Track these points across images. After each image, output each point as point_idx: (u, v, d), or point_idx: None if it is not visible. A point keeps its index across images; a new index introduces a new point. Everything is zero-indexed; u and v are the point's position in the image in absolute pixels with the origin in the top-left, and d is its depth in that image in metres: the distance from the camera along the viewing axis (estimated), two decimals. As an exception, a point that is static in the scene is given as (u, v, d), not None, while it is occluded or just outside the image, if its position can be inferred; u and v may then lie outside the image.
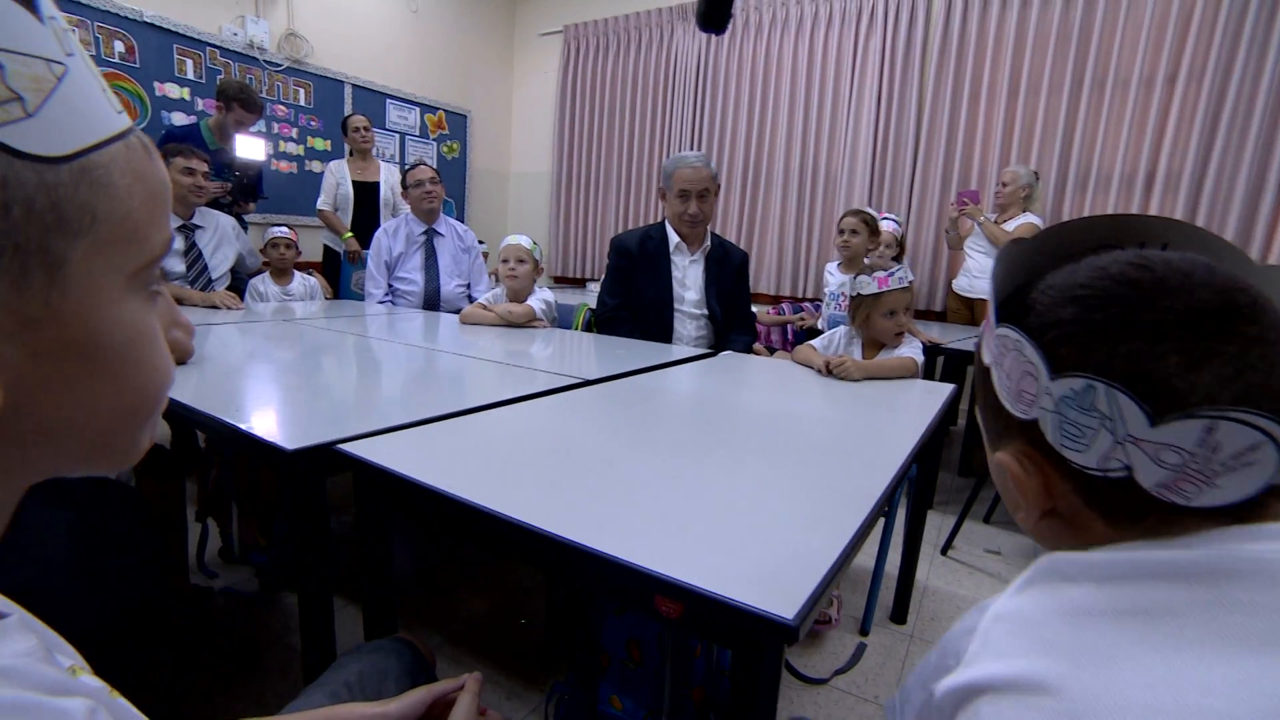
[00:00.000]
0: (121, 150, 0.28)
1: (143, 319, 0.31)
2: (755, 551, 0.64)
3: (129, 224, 0.28)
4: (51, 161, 0.25)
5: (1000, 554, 2.22)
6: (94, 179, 0.26)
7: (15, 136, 0.23)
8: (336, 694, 0.66)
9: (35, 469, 0.30)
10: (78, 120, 0.26)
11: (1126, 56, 3.28)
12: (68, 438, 0.29)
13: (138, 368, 0.30)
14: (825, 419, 1.31)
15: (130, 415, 0.31)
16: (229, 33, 3.70)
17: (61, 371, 0.27)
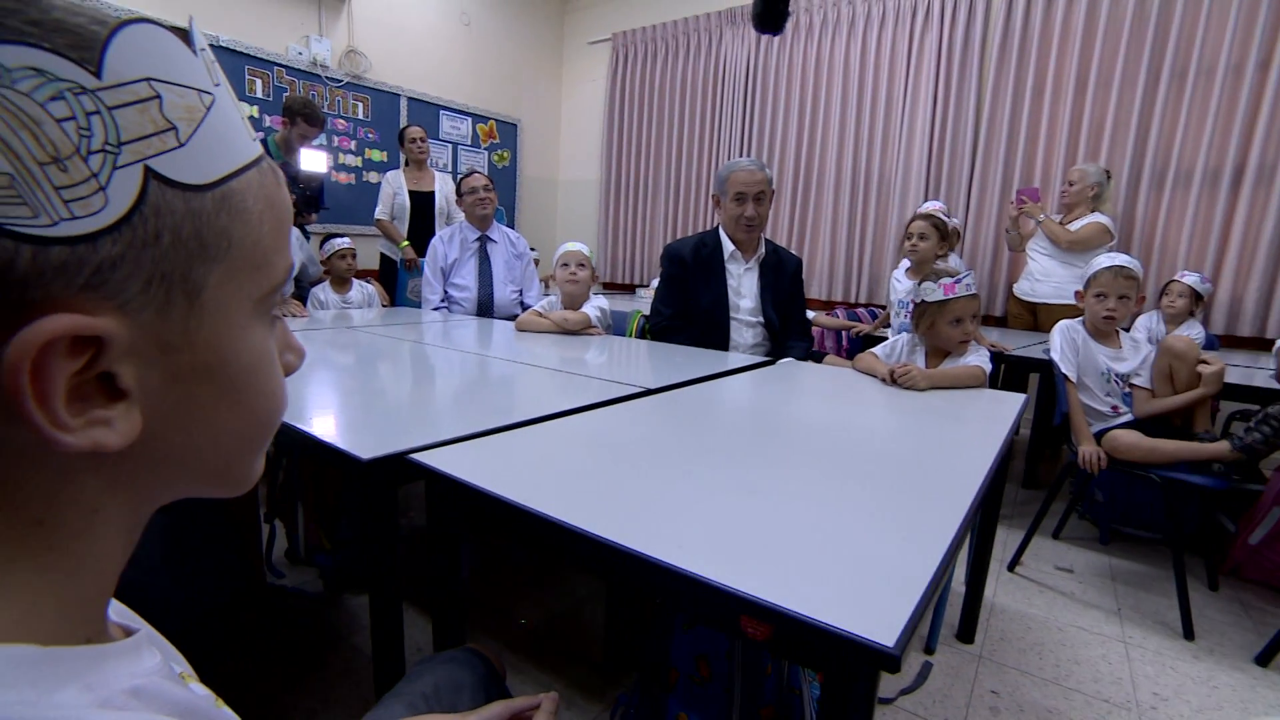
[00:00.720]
0: (255, 177, 0.28)
1: (265, 344, 0.31)
2: (841, 571, 0.61)
3: (259, 251, 0.29)
4: (198, 189, 0.25)
5: (1073, 572, 2.11)
6: (232, 206, 0.27)
7: (168, 165, 0.24)
8: (414, 705, 0.66)
9: (165, 492, 0.30)
10: (221, 148, 0.26)
11: (1211, 43, 3.08)
12: (194, 462, 0.29)
13: (259, 394, 0.31)
14: (893, 430, 1.26)
15: (249, 442, 0.32)
16: (294, 52, 3.87)
17: (193, 397, 0.27)
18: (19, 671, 0.22)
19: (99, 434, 0.24)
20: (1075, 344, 2.11)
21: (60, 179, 0.21)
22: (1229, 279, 3.12)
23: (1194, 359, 1.95)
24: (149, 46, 0.24)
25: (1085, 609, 1.88)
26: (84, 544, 0.26)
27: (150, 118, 0.24)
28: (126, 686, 0.25)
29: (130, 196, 0.23)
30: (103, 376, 0.24)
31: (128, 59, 0.23)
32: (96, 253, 0.22)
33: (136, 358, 0.25)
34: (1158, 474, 1.85)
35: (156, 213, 0.24)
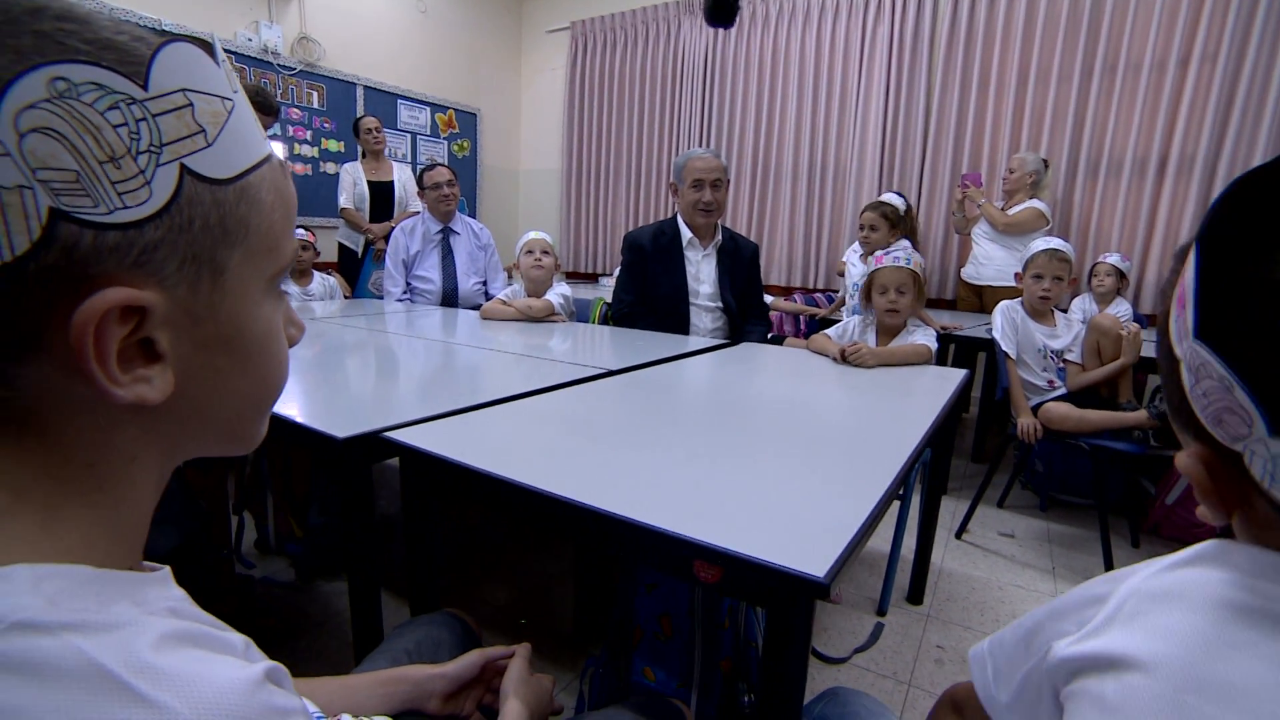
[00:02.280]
0: (268, 171, 0.33)
1: (274, 318, 0.36)
2: (783, 522, 0.68)
3: (271, 235, 0.34)
4: (222, 183, 0.30)
5: (1014, 537, 2.25)
6: (250, 196, 0.32)
7: (199, 163, 0.29)
8: (397, 659, 0.71)
9: (189, 447, 0.35)
10: (241, 147, 0.31)
11: (1138, 40, 3.27)
12: (213, 419, 0.34)
13: (269, 360, 0.36)
14: (843, 404, 1.35)
15: (259, 403, 0.37)
16: (243, 38, 3.77)
17: (215, 362, 0.32)
18: (82, 585, 0.27)
19: (142, 389, 0.28)
20: (1015, 323, 2.24)
21: (115, 175, 0.26)
22: (1156, 262, 3.33)
23: (1117, 333, 2.11)
24: (183, 61, 0.29)
25: (1023, 569, 2.02)
26: (125, 486, 0.31)
27: (185, 122, 0.28)
28: (166, 606, 0.30)
29: (169, 189, 0.27)
30: (143, 342, 0.29)
31: (167, 73, 0.28)
32: (143, 236, 0.27)
33: (172, 326, 0.29)
34: (1086, 442, 2.00)
35: (190, 203, 0.28)
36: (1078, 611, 0.38)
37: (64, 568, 0.27)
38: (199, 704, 0.25)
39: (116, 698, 0.24)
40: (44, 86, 0.24)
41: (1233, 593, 0.33)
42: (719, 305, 2.34)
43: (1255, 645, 0.31)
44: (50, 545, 0.28)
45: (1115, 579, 0.38)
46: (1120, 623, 0.35)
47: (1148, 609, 0.35)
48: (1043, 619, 0.41)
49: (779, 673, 0.62)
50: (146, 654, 0.25)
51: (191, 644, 0.28)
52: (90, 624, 0.25)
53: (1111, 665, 0.34)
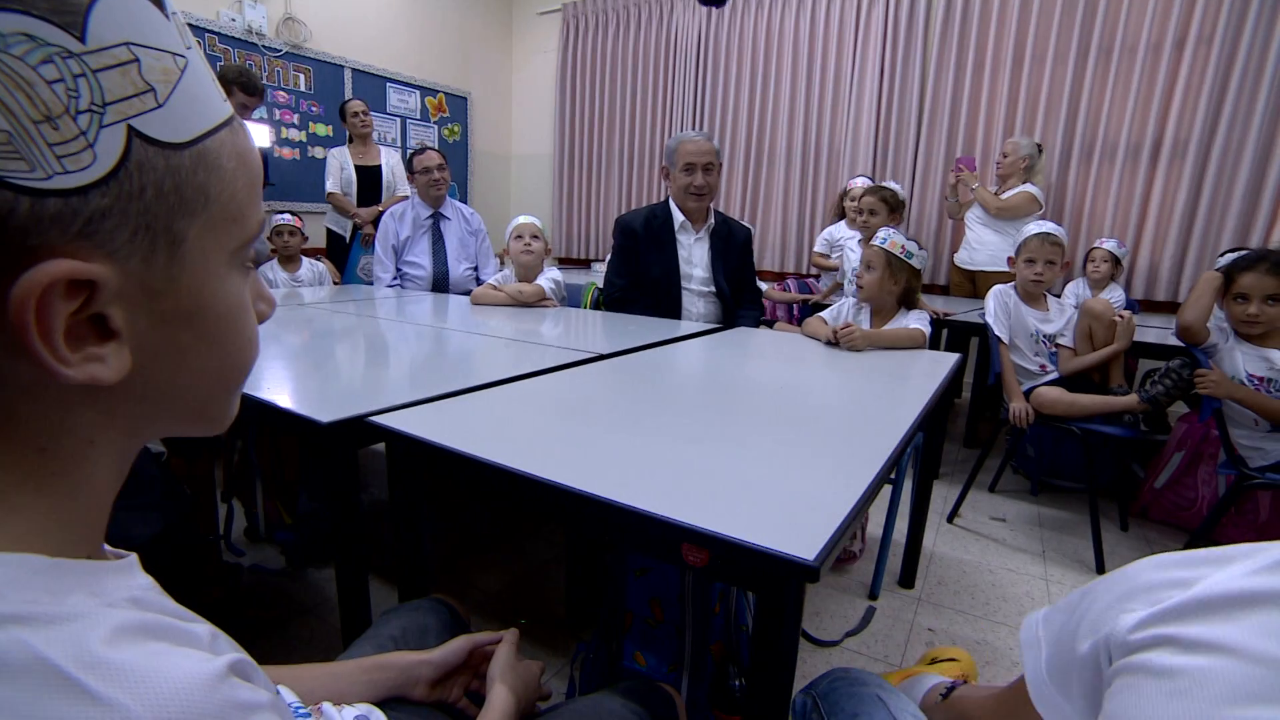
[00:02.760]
0: (228, 136, 0.31)
1: (240, 292, 0.34)
2: (774, 504, 0.68)
3: (234, 205, 0.31)
4: (176, 147, 0.28)
5: (1005, 521, 2.26)
6: (208, 163, 0.29)
7: (148, 124, 0.26)
8: (382, 646, 0.70)
9: (151, 428, 0.33)
10: (196, 108, 0.29)
11: (1134, 22, 3.24)
12: (177, 399, 0.32)
13: (235, 337, 0.34)
14: (835, 387, 1.35)
15: (226, 380, 0.35)
16: (226, 18, 3.69)
17: (176, 339, 0.30)
18: (33, 576, 0.25)
19: (94, 369, 0.26)
20: (1007, 307, 2.24)
21: (53, 136, 0.24)
22: (1148, 247, 3.34)
23: (1109, 318, 2.11)
24: (127, 11, 0.26)
25: (1014, 553, 2.03)
26: (82, 472, 0.29)
27: (131, 80, 0.26)
28: (126, 596, 0.28)
29: (116, 153, 0.25)
30: (95, 318, 0.26)
31: (108, 24, 0.25)
32: (87, 204, 0.25)
33: (125, 301, 0.27)
34: (1077, 426, 2.01)
35: (140, 168, 0.26)
36: (1149, 591, 0.37)
37: (14, 557, 0.25)
38: (154, 701, 0.24)
39: (64, 696, 0.22)
40: None
41: None
42: (712, 290, 2.32)
43: None
44: (2, 534, 0.26)
45: (1200, 561, 0.36)
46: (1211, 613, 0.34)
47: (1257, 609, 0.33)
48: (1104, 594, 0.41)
49: (768, 657, 0.61)
50: (99, 648, 0.24)
51: (150, 636, 0.26)
52: (39, 616, 0.24)
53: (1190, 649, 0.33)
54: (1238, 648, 0.32)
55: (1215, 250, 3.13)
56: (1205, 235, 3.19)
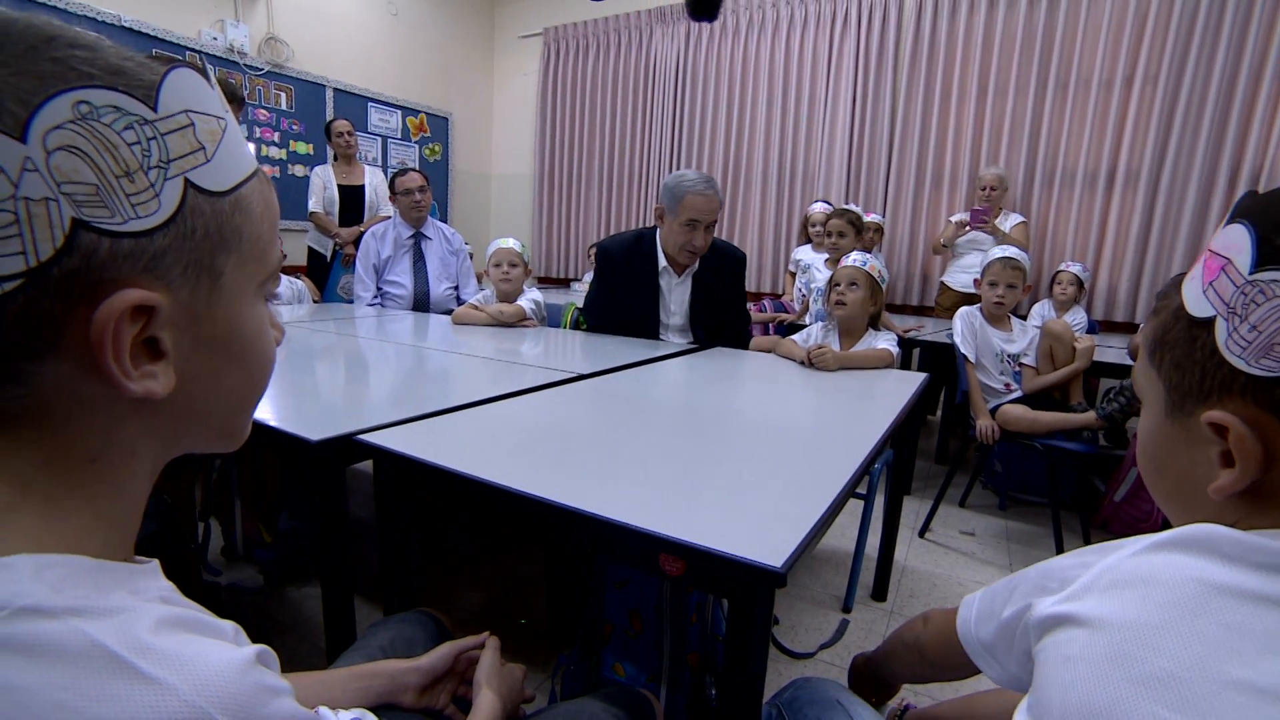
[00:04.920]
0: (257, 184, 0.36)
1: (263, 319, 0.39)
2: (746, 516, 0.72)
3: (261, 243, 0.37)
4: (219, 194, 0.33)
5: (974, 535, 2.33)
6: (243, 207, 0.35)
7: (200, 176, 0.32)
8: (371, 656, 0.72)
9: (183, 443, 0.37)
10: (234, 162, 0.34)
11: (1087, 58, 3.43)
12: (208, 415, 0.37)
13: (258, 359, 0.39)
14: (807, 406, 1.40)
15: (249, 399, 0.40)
16: (208, 37, 3.71)
17: (212, 360, 0.35)
18: (81, 574, 0.28)
19: (150, 384, 0.31)
20: (974, 328, 2.33)
21: (129, 188, 0.29)
22: (1106, 270, 3.49)
23: (1070, 339, 2.21)
24: (187, 85, 0.31)
25: (983, 566, 2.10)
26: (122, 480, 0.33)
27: (188, 140, 0.31)
28: (158, 595, 0.32)
29: (175, 201, 0.30)
30: (148, 341, 0.31)
31: (174, 96, 0.31)
32: (152, 244, 0.30)
33: (174, 326, 0.32)
34: (1040, 442, 2.09)
35: (193, 213, 0.31)
36: (1063, 573, 0.43)
37: (64, 558, 0.28)
38: (196, 681, 0.27)
39: (120, 675, 0.26)
40: (69, 109, 0.27)
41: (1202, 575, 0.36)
42: (688, 339, 2.25)
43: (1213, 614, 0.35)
44: (51, 537, 0.29)
45: (1104, 550, 0.42)
46: (1096, 592, 0.39)
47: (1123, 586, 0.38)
48: (1033, 575, 0.47)
49: (740, 660, 0.65)
50: (146, 636, 0.27)
51: (185, 629, 0.30)
52: (92, 609, 0.27)
53: (1078, 624, 0.39)
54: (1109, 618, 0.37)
55: (1168, 272, 3.30)
56: (1158, 258, 3.35)
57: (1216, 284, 0.40)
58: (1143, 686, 0.34)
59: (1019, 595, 0.47)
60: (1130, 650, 0.35)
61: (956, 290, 3.52)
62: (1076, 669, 0.37)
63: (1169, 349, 0.43)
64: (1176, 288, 0.44)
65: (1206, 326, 0.40)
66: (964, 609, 0.57)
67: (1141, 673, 0.34)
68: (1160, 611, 0.36)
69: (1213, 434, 0.40)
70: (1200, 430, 0.41)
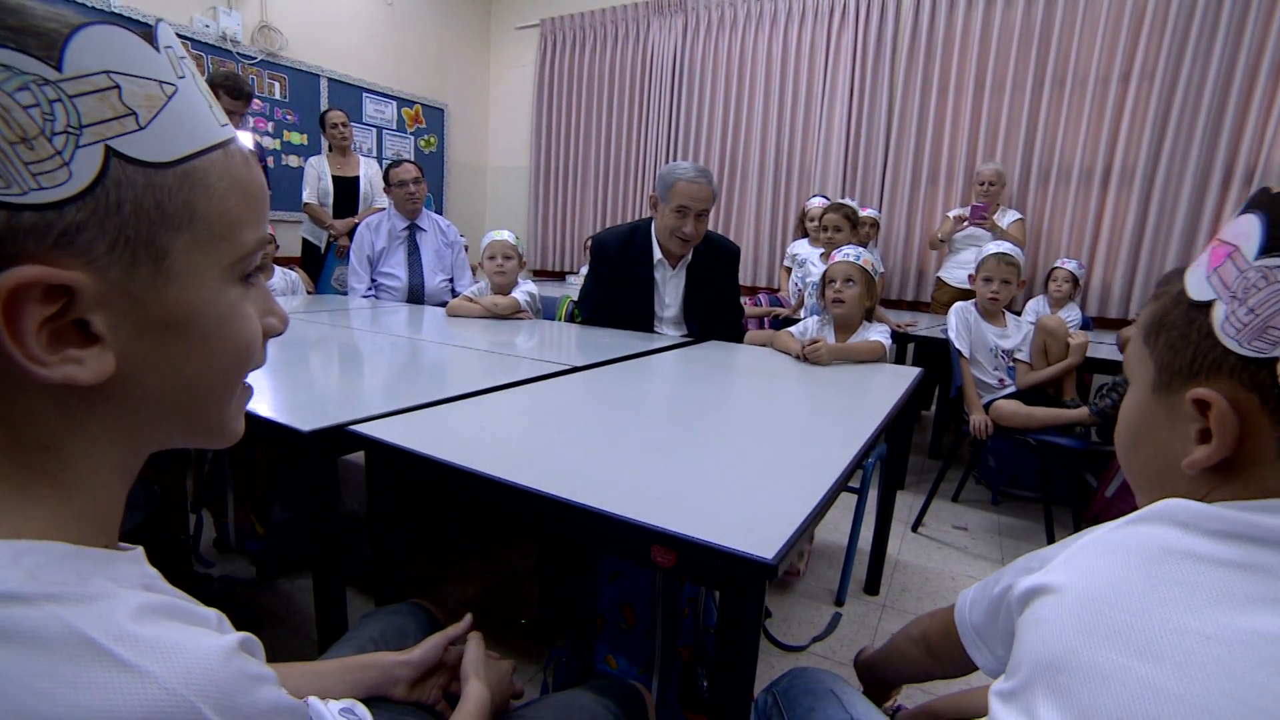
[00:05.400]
0: (220, 157, 0.33)
1: (237, 305, 0.36)
2: (738, 508, 0.72)
3: (224, 222, 0.33)
4: (158, 166, 0.30)
5: (967, 530, 2.35)
6: (194, 181, 0.31)
7: (128, 145, 0.28)
8: (363, 648, 0.72)
9: (148, 436, 0.35)
10: (184, 131, 0.31)
11: (1084, 55, 3.43)
12: (166, 405, 0.34)
13: (228, 347, 0.35)
14: (802, 399, 1.40)
15: (220, 390, 0.36)
16: (200, 25, 3.67)
17: (167, 348, 0.32)
18: (59, 560, 0.28)
19: (71, 370, 0.28)
20: (968, 323, 2.34)
21: (27, 155, 0.26)
22: (1100, 267, 3.50)
23: (1063, 335, 2.21)
24: (108, 44, 0.28)
25: (975, 560, 2.11)
26: (87, 469, 0.32)
27: (110, 104, 0.28)
28: (140, 582, 0.31)
29: (93, 171, 0.27)
30: (79, 324, 0.28)
31: (86, 54, 0.27)
32: (62, 218, 0.26)
33: (108, 309, 0.29)
34: (1032, 438, 2.10)
35: (118, 185, 0.28)
36: (1045, 554, 0.47)
37: (41, 544, 0.28)
38: (179, 669, 0.27)
39: (99, 663, 0.25)
40: None
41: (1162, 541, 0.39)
42: (682, 332, 2.25)
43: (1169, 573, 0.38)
44: (25, 523, 0.29)
45: (1083, 534, 0.45)
46: (1064, 564, 0.43)
47: (1089, 555, 0.42)
48: (1020, 560, 0.51)
49: (732, 651, 0.65)
50: (126, 623, 0.27)
51: (168, 616, 0.29)
52: (70, 595, 0.26)
53: (1049, 592, 0.42)
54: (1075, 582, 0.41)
55: (1162, 269, 3.31)
56: (1152, 255, 3.36)
57: (1221, 269, 0.42)
58: (1102, 637, 0.37)
59: (1006, 577, 0.51)
60: (1092, 607, 0.39)
61: (953, 286, 3.52)
62: (1044, 629, 0.41)
63: (1165, 330, 0.46)
64: (1179, 275, 0.46)
65: (1205, 310, 0.42)
66: (961, 598, 0.61)
67: (1101, 624, 0.38)
68: (1121, 572, 0.39)
69: (1194, 411, 0.42)
70: (1183, 408, 0.43)
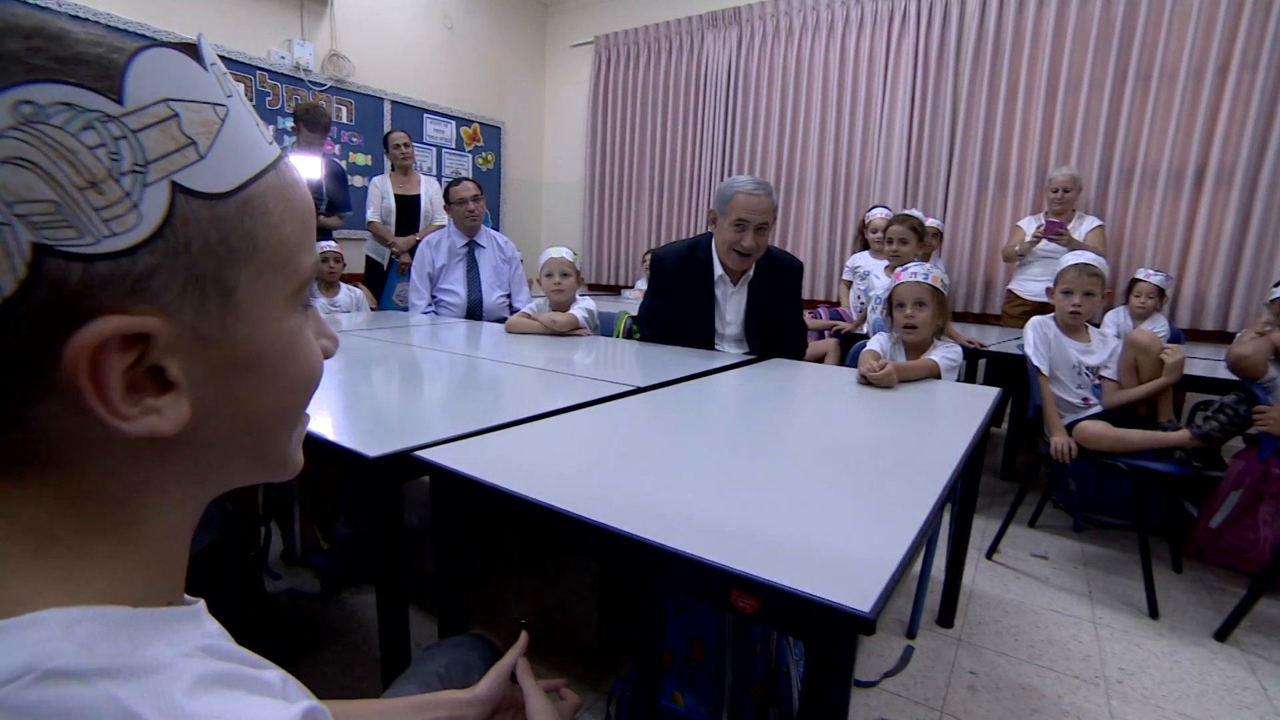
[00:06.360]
0: (274, 179, 0.31)
1: (299, 334, 0.34)
2: (823, 549, 0.67)
3: (284, 250, 0.31)
4: (220, 197, 0.28)
5: (1047, 558, 2.19)
6: (254, 209, 0.29)
7: (191, 178, 0.26)
8: (428, 684, 0.70)
9: (217, 480, 0.33)
10: (239, 156, 0.29)
11: (1174, 48, 3.20)
12: (235, 446, 0.32)
13: (295, 378, 0.34)
14: (874, 422, 1.33)
15: (286, 422, 0.35)
16: (277, 56, 3.86)
17: (234, 385, 0.31)
18: (114, 628, 0.26)
19: (153, 421, 0.27)
20: (1047, 339, 2.19)
21: (98, 201, 0.24)
22: (1193, 275, 3.24)
23: (1156, 351, 2.05)
24: (162, 69, 0.26)
25: (1058, 593, 1.96)
26: (158, 521, 0.30)
27: (171, 136, 0.26)
28: (200, 645, 0.29)
29: (161, 211, 0.25)
30: (153, 370, 0.27)
31: (145, 83, 0.25)
32: (136, 264, 0.25)
33: (181, 353, 0.27)
34: (1124, 462, 1.94)
35: (185, 223, 0.26)
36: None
37: (96, 610, 0.26)
38: None
39: None
40: (8, 113, 0.22)
41: None
42: (744, 350, 2.19)
43: None
44: (83, 587, 0.27)
45: None
46: None
47: None
48: None
49: (820, 707, 0.60)
50: (182, 700, 0.25)
51: (227, 685, 0.27)
52: (124, 669, 0.25)
53: None
54: None
55: (1269, 278, 3.04)
56: (1256, 263, 3.09)
57: None
58: None
59: None
60: None
61: (1027, 299, 3.34)
62: None
63: None
64: None
65: None
66: None
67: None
68: None
69: None
70: None
